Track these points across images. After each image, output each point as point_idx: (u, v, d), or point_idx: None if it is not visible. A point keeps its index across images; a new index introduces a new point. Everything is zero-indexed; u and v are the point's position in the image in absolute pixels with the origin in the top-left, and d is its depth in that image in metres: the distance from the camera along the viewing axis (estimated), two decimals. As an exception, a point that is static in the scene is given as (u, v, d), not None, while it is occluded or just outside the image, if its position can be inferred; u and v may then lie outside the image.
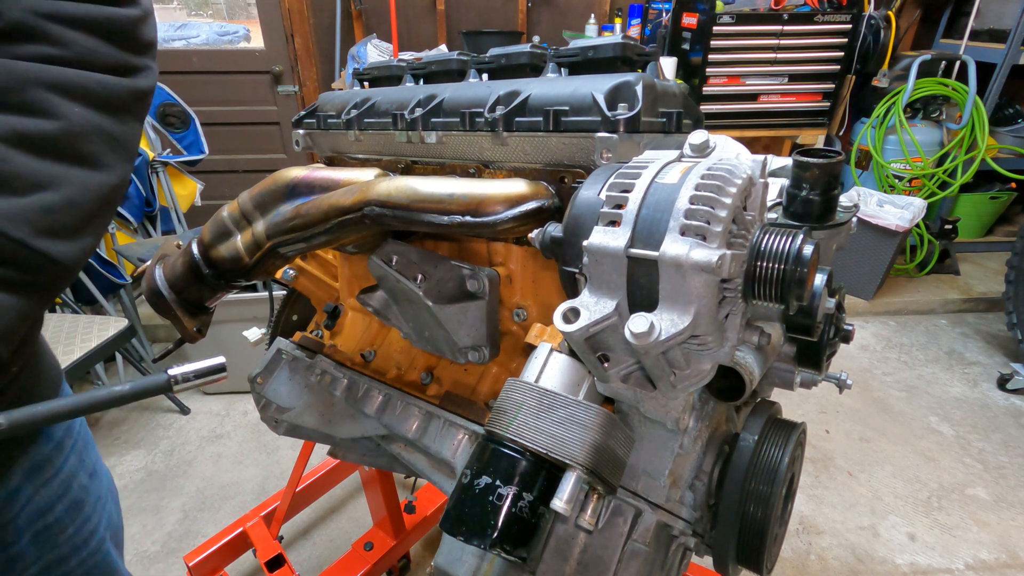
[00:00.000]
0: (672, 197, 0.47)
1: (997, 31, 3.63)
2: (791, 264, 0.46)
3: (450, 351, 0.84)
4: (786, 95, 3.38)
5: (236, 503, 2.24)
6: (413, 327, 0.86)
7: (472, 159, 0.81)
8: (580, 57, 0.75)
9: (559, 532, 0.64)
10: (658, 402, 0.57)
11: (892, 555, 1.99)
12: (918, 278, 3.85)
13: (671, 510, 0.63)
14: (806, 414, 2.71)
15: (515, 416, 0.53)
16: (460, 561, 0.69)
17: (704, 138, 0.56)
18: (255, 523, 1.78)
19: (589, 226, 0.51)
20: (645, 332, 0.44)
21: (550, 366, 0.59)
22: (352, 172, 0.89)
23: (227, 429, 2.65)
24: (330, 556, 1.99)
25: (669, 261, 0.44)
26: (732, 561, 0.62)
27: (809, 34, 3.20)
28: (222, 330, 2.50)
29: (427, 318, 0.81)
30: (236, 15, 4.16)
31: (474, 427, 0.86)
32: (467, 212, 0.68)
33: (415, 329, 0.86)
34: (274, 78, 3.72)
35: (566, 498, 0.50)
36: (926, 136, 3.54)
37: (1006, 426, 2.62)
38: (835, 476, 2.34)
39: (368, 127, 0.91)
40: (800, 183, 0.60)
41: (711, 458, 0.65)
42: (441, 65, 0.92)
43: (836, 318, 0.71)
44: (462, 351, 0.83)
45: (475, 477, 0.52)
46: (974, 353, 3.20)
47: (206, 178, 3.20)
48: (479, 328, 0.82)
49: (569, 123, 0.68)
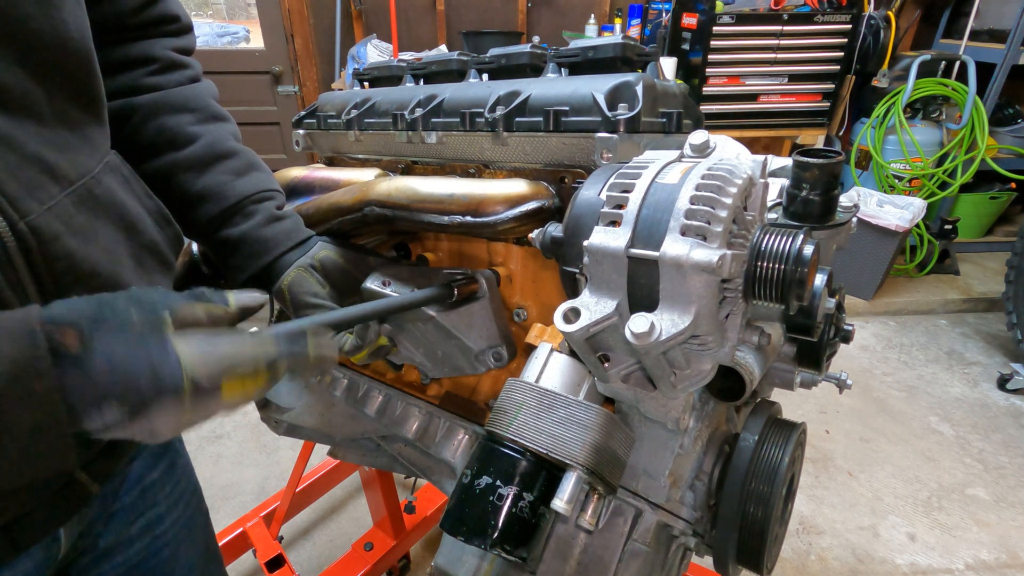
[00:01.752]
0: (672, 197, 0.47)
1: (997, 31, 3.63)
2: (791, 264, 0.46)
3: (468, 363, 0.80)
4: (786, 95, 3.38)
5: (236, 503, 2.24)
6: (425, 352, 0.83)
7: (472, 159, 0.81)
8: (580, 57, 0.75)
9: (559, 532, 0.64)
10: (658, 402, 0.57)
11: (892, 555, 1.99)
12: (918, 278, 3.85)
13: (671, 510, 0.63)
14: (806, 414, 2.71)
15: (515, 416, 0.53)
16: (460, 561, 0.69)
17: (704, 138, 0.56)
18: (255, 523, 1.78)
19: (589, 226, 0.51)
20: (645, 332, 0.44)
21: (550, 366, 0.59)
22: (352, 172, 0.89)
23: (227, 429, 2.65)
24: (330, 556, 1.99)
25: (670, 261, 0.44)
26: (732, 561, 0.62)
27: (809, 34, 3.20)
28: (222, 330, 2.49)
29: (435, 333, 0.78)
30: (236, 15, 4.16)
31: (474, 427, 0.86)
32: (467, 212, 0.68)
33: (428, 354, 0.83)
34: (274, 78, 3.72)
35: (566, 498, 0.50)
36: (926, 136, 3.54)
37: (1006, 426, 2.62)
38: (835, 476, 2.34)
39: (368, 127, 0.91)
40: (800, 183, 0.60)
41: (711, 458, 0.65)
42: (441, 65, 0.92)
43: (836, 318, 0.71)
44: (480, 357, 0.79)
45: (475, 477, 0.52)
46: (974, 353, 3.20)
47: (206, 178, 3.20)
48: (489, 328, 0.79)
49: (569, 123, 0.68)
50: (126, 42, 0.69)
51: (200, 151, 0.70)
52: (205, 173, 0.70)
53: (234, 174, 0.72)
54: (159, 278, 0.63)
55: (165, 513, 0.76)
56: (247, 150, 0.75)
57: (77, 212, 0.51)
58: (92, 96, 0.55)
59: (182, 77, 0.72)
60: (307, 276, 0.70)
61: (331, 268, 0.72)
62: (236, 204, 0.71)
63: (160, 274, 0.63)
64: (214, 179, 0.70)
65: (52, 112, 0.49)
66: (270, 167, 0.79)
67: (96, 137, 0.56)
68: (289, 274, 0.70)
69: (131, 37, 0.69)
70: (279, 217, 0.73)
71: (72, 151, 0.51)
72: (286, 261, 0.71)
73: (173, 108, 0.70)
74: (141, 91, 0.69)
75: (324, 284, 0.71)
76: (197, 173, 0.70)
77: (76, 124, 0.53)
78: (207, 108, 0.73)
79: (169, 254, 0.65)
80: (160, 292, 0.46)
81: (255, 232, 0.71)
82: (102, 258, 0.53)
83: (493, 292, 0.80)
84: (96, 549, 0.68)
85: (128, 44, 0.69)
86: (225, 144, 0.72)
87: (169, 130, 0.69)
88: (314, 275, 0.70)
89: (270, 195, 0.74)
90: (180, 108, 0.71)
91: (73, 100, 0.52)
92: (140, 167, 0.68)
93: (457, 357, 0.80)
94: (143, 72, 0.69)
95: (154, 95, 0.69)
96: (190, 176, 0.70)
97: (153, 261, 0.62)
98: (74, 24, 0.50)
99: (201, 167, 0.70)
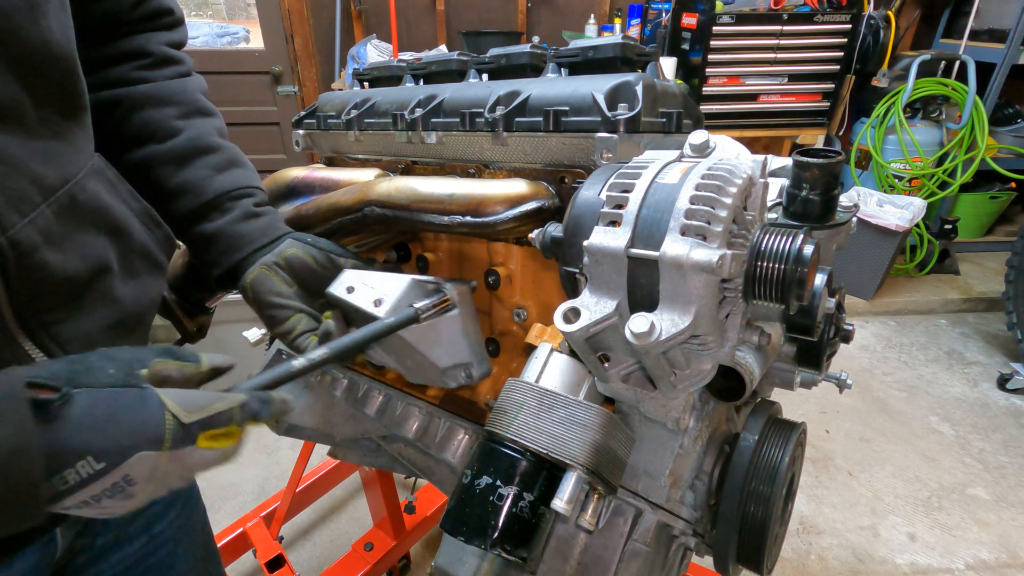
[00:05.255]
0: (672, 197, 0.47)
1: (997, 31, 3.63)
2: (791, 264, 0.46)
3: (437, 376, 0.75)
4: (786, 95, 3.38)
5: (236, 503, 2.24)
6: (396, 360, 0.78)
7: (472, 159, 0.81)
8: (580, 57, 0.75)
9: (559, 532, 0.64)
10: (658, 402, 0.57)
11: (892, 555, 1.99)
12: (918, 278, 3.85)
13: (671, 510, 0.63)
14: (806, 414, 2.71)
15: (515, 416, 0.53)
16: (461, 561, 0.69)
17: (704, 138, 0.56)
18: (255, 523, 1.78)
19: (589, 226, 0.51)
20: (645, 332, 0.44)
21: (550, 366, 0.59)
22: (352, 172, 0.89)
23: (227, 429, 2.65)
24: (330, 556, 1.99)
25: (669, 261, 0.44)
26: (732, 561, 0.62)
27: (809, 34, 3.20)
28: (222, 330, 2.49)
29: (400, 344, 0.72)
30: (236, 16, 4.16)
31: (474, 427, 0.86)
32: (467, 212, 0.68)
33: (399, 360, 0.77)
34: (274, 78, 3.72)
35: (567, 498, 0.50)
36: (926, 136, 3.54)
37: (1006, 426, 2.62)
38: (835, 476, 2.34)
39: (368, 127, 0.91)
40: (800, 183, 0.60)
41: (711, 458, 0.65)
42: (441, 65, 0.92)
43: (836, 318, 0.71)
44: (449, 373, 0.75)
45: (476, 477, 0.52)
46: (974, 353, 3.20)
47: (206, 178, 3.20)
48: (457, 344, 0.73)
49: (569, 123, 0.67)
50: (121, 37, 0.69)
51: (181, 145, 0.70)
52: (184, 167, 0.70)
53: (214, 169, 0.71)
54: (149, 281, 0.63)
55: (163, 512, 0.76)
56: (230, 146, 0.75)
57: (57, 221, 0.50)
58: (76, 101, 0.54)
59: (172, 72, 0.72)
60: (270, 274, 0.69)
61: (298, 267, 0.71)
62: (213, 199, 0.70)
63: (150, 276, 0.63)
64: (193, 174, 0.70)
65: (38, 120, 0.49)
66: (270, 167, 0.80)
67: (80, 142, 0.55)
68: (252, 271, 0.69)
69: (126, 32, 0.69)
70: (256, 214, 0.72)
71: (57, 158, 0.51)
72: (256, 258, 0.70)
73: (158, 101, 0.70)
74: (130, 84, 0.69)
75: (291, 283, 0.70)
76: (176, 167, 0.69)
77: (61, 131, 0.52)
78: (193, 103, 0.73)
79: (160, 256, 0.65)
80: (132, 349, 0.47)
81: (229, 228, 0.70)
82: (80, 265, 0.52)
83: (465, 306, 0.74)
84: (94, 548, 0.68)
85: (123, 39, 0.69)
86: (207, 139, 0.72)
87: (152, 123, 0.69)
88: (279, 273, 0.69)
89: (249, 192, 0.73)
90: (165, 102, 0.70)
91: (58, 107, 0.51)
92: (122, 159, 0.67)
93: (426, 369, 0.76)
94: (134, 66, 0.69)
95: (140, 88, 0.69)
96: (169, 169, 0.69)
97: (143, 264, 0.62)
98: (59, 30, 0.50)
99: (181, 161, 0.69)
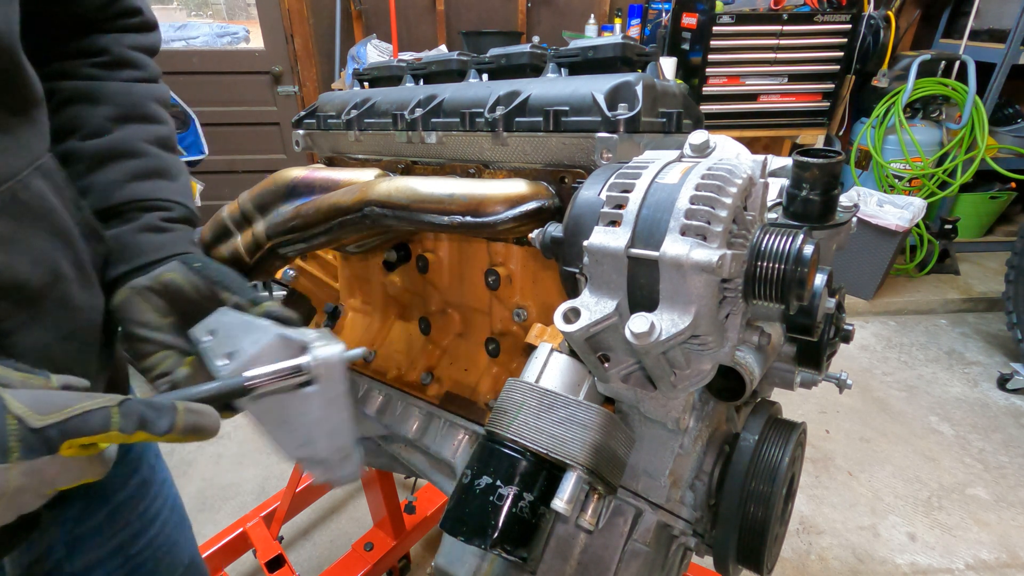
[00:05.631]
0: (672, 197, 0.47)
1: (997, 31, 3.63)
2: (791, 264, 0.46)
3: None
4: (786, 95, 3.38)
5: (236, 503, 2.24)
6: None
7: (472, 159, 0.81)
8: (580, 57, 0.75)
9: (559, 532, 0.64)
10: (658, 402, 0.57)
11: (892, 555, 1.99)
12: (918, 278, 3.85)
13: (671, 510, 0.63)
14: (806, 414, 2.71)
15: (515, 416, 0.53)
16: (461, 561, 0.69)
17: (704, 138, 0.56)
18: (255, 523, 1.78)
19: (589, 226, 0.51)
20: (645, 332, 0.44)
21: (550, 366, 0.59)
22: (352, 172, 0.89)
23: (227, 429, 2.65)
24: (330, 556, 1.99)
25: (669, 261, 0.44)
26: (732, 561, 0.62)
27: (809, 34, 3.20)
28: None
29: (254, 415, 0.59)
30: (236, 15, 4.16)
31: (474, 427, 0.86)
32: (467, 212, 0.68)
33: None
34: (274, 78, 3.72)
35: (567, 498, 0.50)
36: (926, 136, 3.54)
37: (1006, 426, 2.62)
38: (835, 476, 2.34)
39: (368, 127, 0.91)
40: (800, 183, 0.60)
41: (711, 458, 0.65)
42: (441, 65, 0.92)
43: (836, 318, 0.71)
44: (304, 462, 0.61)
45: (476, 477, 0.52)
46: (974, 353, 3.20)
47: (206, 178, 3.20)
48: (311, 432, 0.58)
49: (569, 123, 0.68)
50: (86, 34, 0.66)
51: (102, 146, 0.65)
52: (97, 169, 0.65)
53: (130, 176, 0.66)
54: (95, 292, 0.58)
55: (140, 532, 0.73)
56: (162, 156, 0.69)
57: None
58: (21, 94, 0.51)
59: (126, 75, 0.68)
60: (139, 300, 0.60)
61: (176, 294, 0.61)
62: (118, 205, 0.64)
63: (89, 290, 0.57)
64: (104, 176, 0.65)
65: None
66: (270, 167, 0.79)
67: (26, 137, 0.52)
68: (121, 293, 0.60)
69: (93, 30, 0.67)
70: (160, 228, 0.65)
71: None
72: (130, 278, 0.62)
73: (94, 100, 0.66)
74: (74, 78, 0.65)
75: (166, 311, 0.61)
76: (88, 167, 0.65)
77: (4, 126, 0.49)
78: (135, 107, 0.68)
79: (93, 273, 0.59)
80: None
81: (123, 237, 0.63)
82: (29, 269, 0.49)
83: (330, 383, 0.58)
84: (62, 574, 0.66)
85: (87, 36, 0.66)
86: (133, 144, 0.67)
87: (80, 119, 0.65)
88: (150, 300, 0.60)
89: (164, 205, 0.67)
90: (102, 101, 0.66)
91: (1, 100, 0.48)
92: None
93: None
94: (87, 63, 0.66)
95: (80, 83, 0.65)
96: (80, 168, 0.64)
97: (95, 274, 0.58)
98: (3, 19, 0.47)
99: (95, 162, 0.65)
